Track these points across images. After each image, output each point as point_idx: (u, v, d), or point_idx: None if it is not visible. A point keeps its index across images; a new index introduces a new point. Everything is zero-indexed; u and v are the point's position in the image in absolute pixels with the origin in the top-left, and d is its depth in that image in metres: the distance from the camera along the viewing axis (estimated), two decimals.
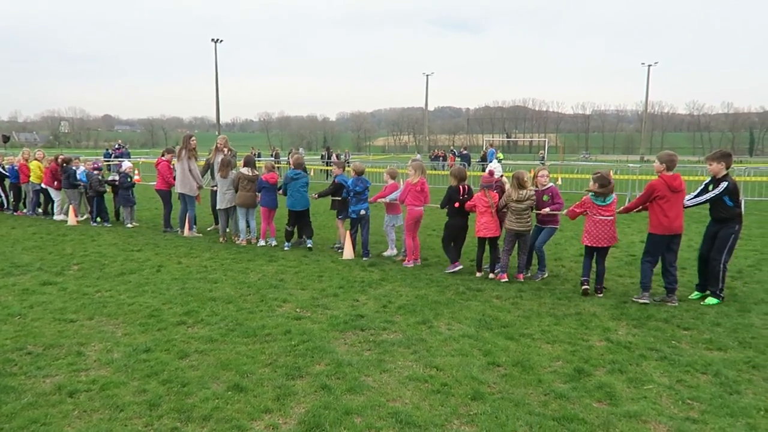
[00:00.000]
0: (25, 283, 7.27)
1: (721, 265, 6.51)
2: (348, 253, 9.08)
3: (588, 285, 6.92)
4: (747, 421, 3.77)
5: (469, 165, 28.42)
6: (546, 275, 7.78)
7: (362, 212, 9.05)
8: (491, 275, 7.83)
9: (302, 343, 5.16)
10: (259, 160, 18.49)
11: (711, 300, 6.53)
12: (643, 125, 78.51)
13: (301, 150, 40.11)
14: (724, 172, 6.55)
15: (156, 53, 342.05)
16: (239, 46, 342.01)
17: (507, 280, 7.56)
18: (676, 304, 6.48)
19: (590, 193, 6.89)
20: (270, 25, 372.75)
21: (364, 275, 7.92)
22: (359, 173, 9.14)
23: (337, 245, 9.88)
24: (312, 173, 29.61)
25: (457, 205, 8.05)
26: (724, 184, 6.46)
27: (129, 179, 12.25)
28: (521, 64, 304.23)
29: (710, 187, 6.64)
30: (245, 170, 10.01)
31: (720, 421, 3.77)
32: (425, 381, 4.39)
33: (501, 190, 7.89)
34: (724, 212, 6.51)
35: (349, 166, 10.74)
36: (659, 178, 6.56)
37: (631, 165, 26.69)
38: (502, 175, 8.49)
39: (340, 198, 9.47)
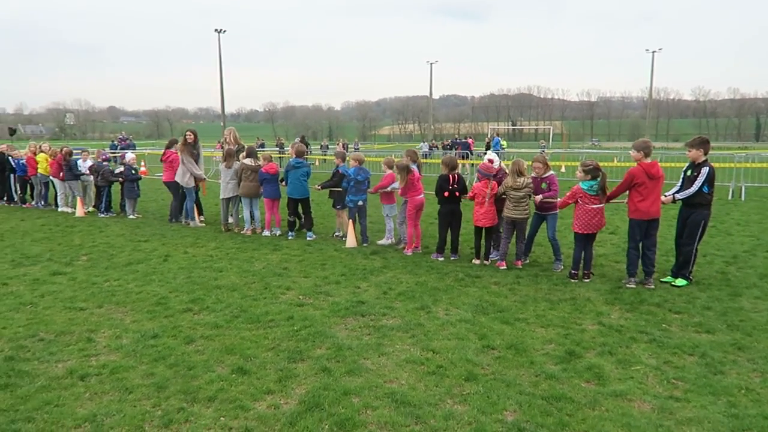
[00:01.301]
0: (36, 273, 7.48)
1: (694, 250, 6.76)
2: (351, 241, 9.25)
3: (576, 275, 7.11)
4: (728, 399, 3.93)
5: (471, 154, 28.44)
6: (561, 267, 7.66)
7: (360, 203, 9.24)
8: (486, 262, 7.98)
9: (304, 329, 5.34)
10: (261, 151, 18.63)
11: (680, 281, 6.78)
12: (648, 112, 78.10)
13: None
14: (703, 158, 6.70)
15: (161, 44, 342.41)
16: (243, 36, 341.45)
17: (505, 267, 7.72)
18: (653, 287, 6.69)
19: (580, 183, 7.01)
20: (274, 15, 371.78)
21: (366, 263, 8.09)
22: (360, 162, 9.29)
23: (336, 233, 10.06)
24: (316, 163, 29.79)
25: (446, 194, 8.19)
26: (705, 170, 6.62)
27: (134, 171, 12.44)
28: (526, 52, 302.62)
29: (688, 173, 6.80)
30: (248, 161, 10.18)
31: (702, 399, 3.94)
32: (421, 363, 4.57)
33: (499, 182, 8.00)
34: (699, 198, 6.68)
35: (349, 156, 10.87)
36: (638, 165, 6.74)
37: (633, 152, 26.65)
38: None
39: (339, 188, 9.62)
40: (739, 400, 3.93)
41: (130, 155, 13.08)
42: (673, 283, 6.79)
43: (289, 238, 9.88)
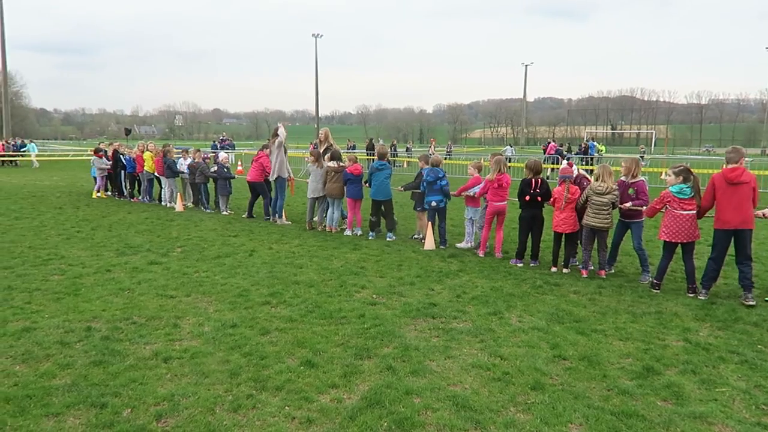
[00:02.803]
0: (136, 262, 8.10)
1: None
2: (429, 243, 9.26)
3: (659, 286, 6.74)
4: None
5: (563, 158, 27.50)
6: (649, 278, 7.23)
7: (433, 203, 9.22)
8: (565, 270, 7.72)
9: (374, 327, 5.42)
10: (349, 152, 19.03)
11: None
12: (766, 115, 71.79)
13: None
14: None
15: (261, 49, 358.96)
16: (339, 39, 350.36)
17: (587, 276, 7.42)
18: (752, 303, 6.18)
19: (669, 187, 6.61)
20: (367, 17, 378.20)
21: (442, 266, 8.07)
22: (434, 165, 9.32)
23: (416, 235, 10.09)
24: (406, 165, 30.01)
25: (527, 198, 8.00)
26: None
27: (226, 170, 13.15)
28: (630, 52, 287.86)
29: None
30: (332, 163, 10.48)
31: None
32: (488, 369, 4.50)
33: (581, 187, 7.72)
34: None
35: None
36: (719, 171, 6.41)
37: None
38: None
39: (420, 190, 9.65)
40: None
41: (223, 155, 13.85)
42: None
43: (370, 238, 10.04)
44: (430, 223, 9.41)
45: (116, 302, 6.16)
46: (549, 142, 35.26)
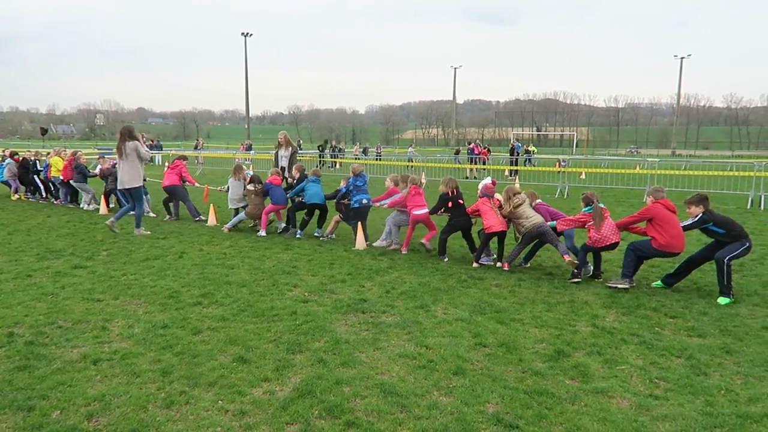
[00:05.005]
0: (59, 266, 7.87)
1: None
2: (360, 243, 9.49)
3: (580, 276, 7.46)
4: (706, 399, 4.05)
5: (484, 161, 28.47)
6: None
7: (364, 201, 9.69)
8: (498, 264, 8.24)
9: (306, 323, 5.58)
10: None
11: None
12: (676, 118, 76.98)
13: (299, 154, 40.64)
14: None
15: (188, 47, 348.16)
16: (269, 39, 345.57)
17: (508, 269, 7.89)
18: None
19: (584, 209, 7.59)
20: (299, 18, 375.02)
21: (373, 263, 8.31)
22: (356, 174, 9.90)
23: (318, 233, 10.55)
24: (338, 165, 30.14)
25: (450, 204, 8.61)
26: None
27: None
28: (553, 57, 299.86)
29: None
30: (250, 186, 10.89)
31: (680, 398, 4.07)
32: (414, 358, 4.77)
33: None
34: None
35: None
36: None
37: (649, 159, 26.58)
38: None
39: (345, 201, 10.05)
40: (717, 399, 4.05)
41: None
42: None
43: (298, 236, 10.25)
44: (360, 222, 9.65)
45: (39, 307, 6.01)
46: (470, 144, 36.52)
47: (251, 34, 61.20)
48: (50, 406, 3.83)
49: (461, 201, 8.63)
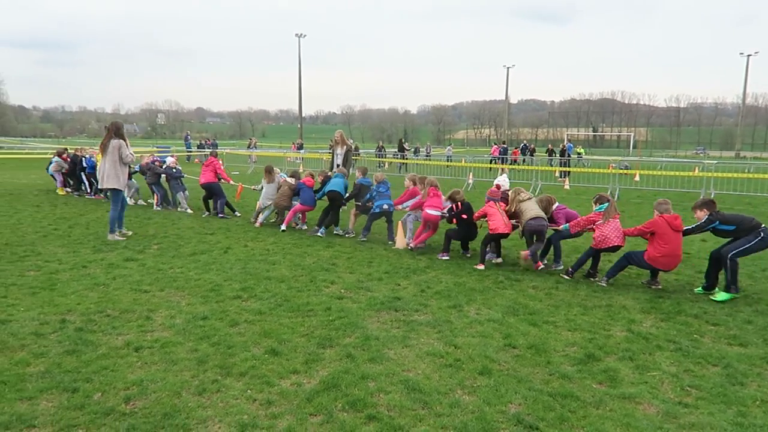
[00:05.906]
0: (112, 258, 8.30)
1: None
2: (400, 242, 9.58)
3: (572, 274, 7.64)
4: (739, 409, 3.92)
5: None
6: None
7: (385, 206, 9.98)
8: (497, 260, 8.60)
9: (338, 319, 5.71)
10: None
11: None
12: (741, 119, 73.47)
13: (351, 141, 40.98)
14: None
15: (245, 48, 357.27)
16: (323, 39, 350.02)
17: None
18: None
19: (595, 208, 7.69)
20: (351, 17, 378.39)
21: (411, 262, 8.38)
22: (379, 181, 10.22)
23: (342, 230, 10.82)
24: (386, 166, 30.33)
25: (455, 221, 8.84)
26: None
27: (174, 171, 13.76)
28: (611, 56, 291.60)
29: None
30: (291, 179, 11.36)
31: (711, 407, 3.95)
32: (441, 356, 4.81)
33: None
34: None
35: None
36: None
37: (707, 161, 25.47)
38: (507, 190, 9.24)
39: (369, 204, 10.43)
40: (751, 410, 3.91)
41: (170, 159, 14.32)
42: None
43: (320, 234, 10.53)
44: (401, 223, 9.74)
45: (91, 296, 6.37)
46: (494, 145, 36.27)
47: (305, 35, 62.30)
48: (93, 389, 4.09)
49: (465, 216, 8.69)
